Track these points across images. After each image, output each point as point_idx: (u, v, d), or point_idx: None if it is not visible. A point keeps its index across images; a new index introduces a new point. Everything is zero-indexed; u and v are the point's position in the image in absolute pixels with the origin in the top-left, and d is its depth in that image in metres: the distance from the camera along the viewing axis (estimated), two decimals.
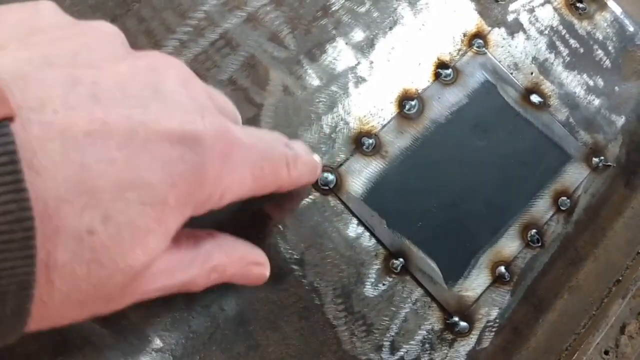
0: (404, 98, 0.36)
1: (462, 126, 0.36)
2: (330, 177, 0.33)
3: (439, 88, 0.37)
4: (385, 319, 0.32)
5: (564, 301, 0.36)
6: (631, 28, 0.41)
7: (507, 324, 0.34)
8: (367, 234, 0.33)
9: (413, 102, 0.36)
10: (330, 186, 0.33)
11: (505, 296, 0.35)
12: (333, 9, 0.36)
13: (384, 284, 0.33)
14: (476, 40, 0.38)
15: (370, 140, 0.35)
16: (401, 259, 0.33)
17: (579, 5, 0.41)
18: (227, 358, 0.30)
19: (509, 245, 0.35)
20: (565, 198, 0.37)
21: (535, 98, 0.38)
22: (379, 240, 0.33)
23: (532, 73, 0.38)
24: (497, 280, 0.35)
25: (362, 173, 0.34)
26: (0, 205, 0.16)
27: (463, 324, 0.33)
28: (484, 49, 0.38)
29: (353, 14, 0.37)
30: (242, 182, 0.23)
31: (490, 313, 0.34)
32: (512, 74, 0.38)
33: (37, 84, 0.18)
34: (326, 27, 0.36)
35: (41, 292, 0.18)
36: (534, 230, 0.36)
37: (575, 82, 0.39)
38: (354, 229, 0.33)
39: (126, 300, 0.22)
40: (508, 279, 0.35)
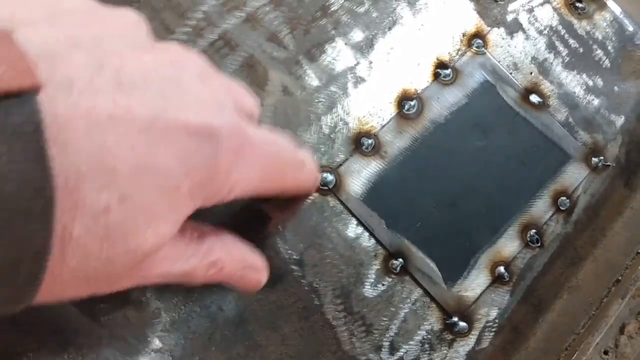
0: (403, 98, 0.36)
1: (461, 126, 0.36)
2: (330, 177, 0.33)
3: (438, 88, 0.37)
4: (384, 319, 0.32)
5: (563, 301, 0.36)
6: (630, 28, 0.41)
7: (506, 324, 0.34)
8: (367, 234, 0.33)
9: (412, 102, 0.36)
10: (330, 186, 0.33)
11: (504, 296, 0.35)
12: (332, 9, 0.36)
13: (383, 284, 0.33)
14: (475, 40, 0.38)
15: (370, 141, 0.35)
16: (400, 259, 0.33)
17: (578, 5, 0.41)
18: (227, 358, 0.30)
19: (508, 245, 0.35)
20: (564, 198, 0.37)
21: (534, 98, 0.38)
22: (378, 241, 0.33)
23: (531, 73, 0.38)
24: (497, 280, 0.35)
25: (362, 173, 0.34)
26: (24, 174, 0.17)
27: (462, 324, 0.33)
28: (483, 49, 0.38)
29: (352, 14, 0.37)
30: (250, 179, 0.24)
31: (489, 313, 0.34)
32: (511, 74, 0.38)
33: (65, 64, 0.18)
34: (325, 27, 0.36)
35: (53, 264, 0.19)
36: (533, 230, 0.36)
37: (574, 82, 0.39)
38: (353, 229, 0.33)
39: (129, 281, 0.22)
40: (507, 279, 0.35)
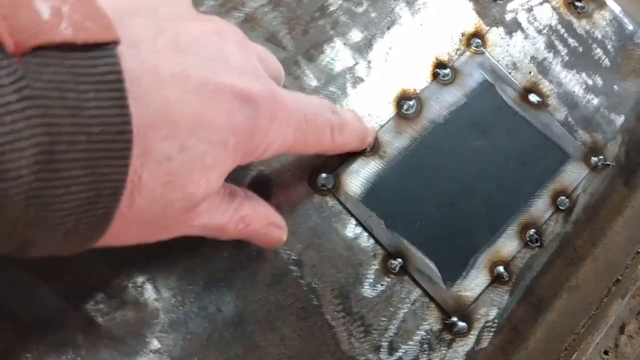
0: (402, 98, 0.36)
1: (460, 126, 0.36)
2: (328, 177, 0.33)
3: (437, 88, 0.37)
4: (383, 319, 0.32)
5: (563, 301, 0.36)
6: (630, 27, 0.41)
7: (506, 324, 0.34)
8: (366, 234, 0.33)
9: (411, 102, 0.36)
10: (329, 187, 0.33)
11: (504, 296, 0.34)
12: (331, 9, 0.36)
13: (382, 285, 0.33)
14: (474, 39, 0.38)
15: None
16: (399, 260, 0.33)
17: (577, 4, 0.41)
18: (225, 359, 0.30)
19: (507, 245, 0.35)
20: (564, 197, 0.37)
21: (533, 97, 0.38)
22: (377, 241, 0.33)
23: (530, 72, 0.38)
24: (496, 280, 0.34)
25: (361, 173, 0.34)
26: (108, 118, 0.19)
27: (462, 324, 0.33)
28: (482, 48, 0.38)
29: (351, 14, 0.37)
30: (284, 139, 0.26)
31: (489, 313, 0.34)
32: (510, 73, 0.38)
33: (131, 27, 0.21)
34: (324, 27, 0.36)
35: (123, 204, 0.21)
36: (532, 230, 0.36)
37: (574, 81, 0.39)
38: (352, 229, 0.33)
39: (178, 229, 0.25)
40: (507, 278, 0.35)
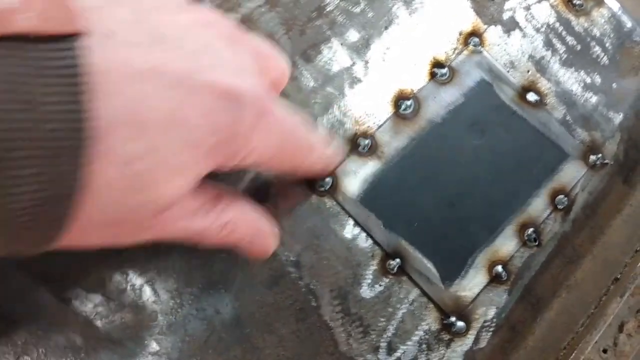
0: (400, 98, 0.36)
1: (458, 125, 0.36)
2: (326, 178, 0.33)
3: (434, 87, 0.37)
4: (382, 320, 0.33)
5: (561, 300, 0.36)
6: (629, 24, 0.41)
7: (504, 323, 0.34)
8: (364, 234, 0.33)
9: (409, 102, 0.36)
10: (326, 187, 0.33)
11: (502, 295, 0.34)
12: (328, 9, 0.36)
13: (380, 285, 0.33)
14: (472, 38, 0.38)
15: (366, 141, 0.35)
16: (398, 260, 0.33)
17: (575, 1, 0.40)
18: None
19: (505, 244, 0.35)
20: (562, 196, 0.37)
21: (531, 96, 0.38)
22: (375, 241, 0.33)
23: (528, 71, 0.38)
24: (494, 279, 0.34)
25: (358, 174, 0.34)
26: (64, 114, 0.18)
27: (460, 324, 0.33)
28: (479, 47, 0.38)
29: (348, 14, 0.37)
30: (266, 147, 0.25)
31: (487, 313, 0.34)
32: (508, 72, 0.38)
33: (108, 16, 0.20)
34: (321, 27, 0.36)
35: (82, 206, 0.20)
36: (531, 229, 0.36)
37: (572, 80, 0.39)
38: (350, 230, 0.33)
39: (149, 233, 0.24)
40: (505, 278, 0.35)
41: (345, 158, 0.34)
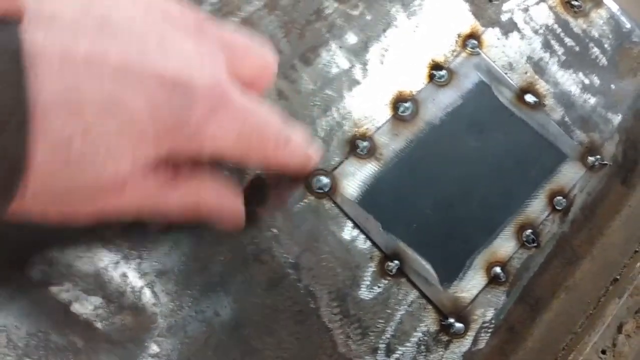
0: (398, 100, 0.36)
1: (456, 127, 0.36)
2: (325, 180, 0.34)
3: (433, 90, 0.37)
4: (380, 321, 0.33)
5: (560, 301, 0.36)
6: (628, 25, 0.41)
7: (503, 324, 0.34)
8: (362, 236, 0.34)
9: (407, 104, 0.36)
10: (325, 189, 0.34)
11: (501, 297, 0.35)
12: (326, 12, 0.36)
13: (379, 287, 0.33)
14: (470, 40, 0.38)
15: (365, 143, 0.35)
16: (396, 261, 0.33)
17: (574, 3, 0.41)
18: None
19: (504, 245, 0.35)
20: (561, 198, 0.37)
21: (530, 98, 0.38)
22: (374, 243, 0.34)
23: (526, 73, 0.38)
24: (493, 281, 0.35)
25: (357, 176, 0.34)
26: (2, 93, 0.18)
27: (459, 325, 0.33)
28: (478, 49, 0.38)
29: (346, 17, 0.37)
30: (224, 140, 0.25)
31: (486, 314, 0.34)
32: (506, 74, 0.38)
33: (54, 2, 0.20)
34: (320, 30, 0.36)
35: (26, 181, 0.21)
36: (529, 231, 0.36)
37: (570, 81, 0.39)
38: (349, 231, 0.33)
39: (97, 207, 0.24)
40: (504, 279, 0.35)
41: (344, 160, 0.34)
